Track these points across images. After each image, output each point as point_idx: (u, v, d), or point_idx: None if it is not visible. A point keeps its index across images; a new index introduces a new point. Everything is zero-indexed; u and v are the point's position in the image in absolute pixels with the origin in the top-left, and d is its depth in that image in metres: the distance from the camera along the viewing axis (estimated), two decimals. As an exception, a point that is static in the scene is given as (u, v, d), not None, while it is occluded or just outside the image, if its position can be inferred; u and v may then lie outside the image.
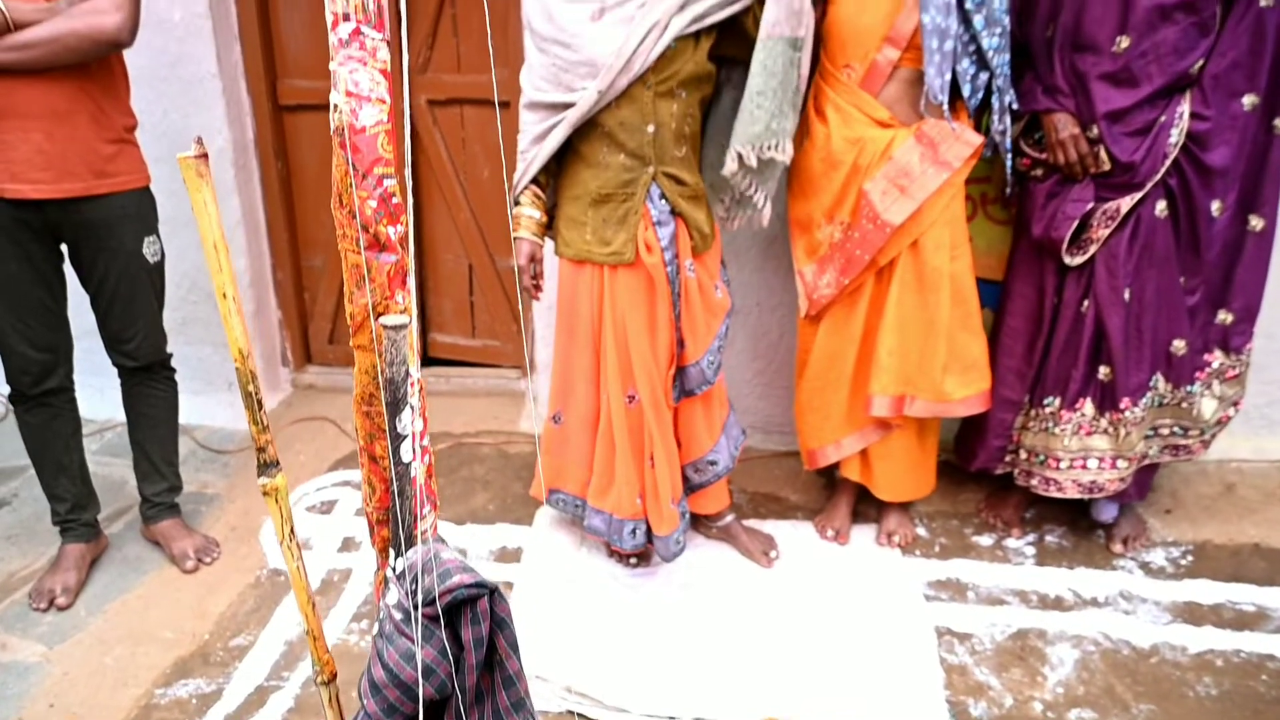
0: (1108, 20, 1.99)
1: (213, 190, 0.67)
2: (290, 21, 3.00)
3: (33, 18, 1.87)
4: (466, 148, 3.08)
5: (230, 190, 3.00)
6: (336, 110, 0.62)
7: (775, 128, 2.00)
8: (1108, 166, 2.05)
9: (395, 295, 0.68)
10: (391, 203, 0.66)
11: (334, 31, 0.61)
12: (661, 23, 1.86)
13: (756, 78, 1.95)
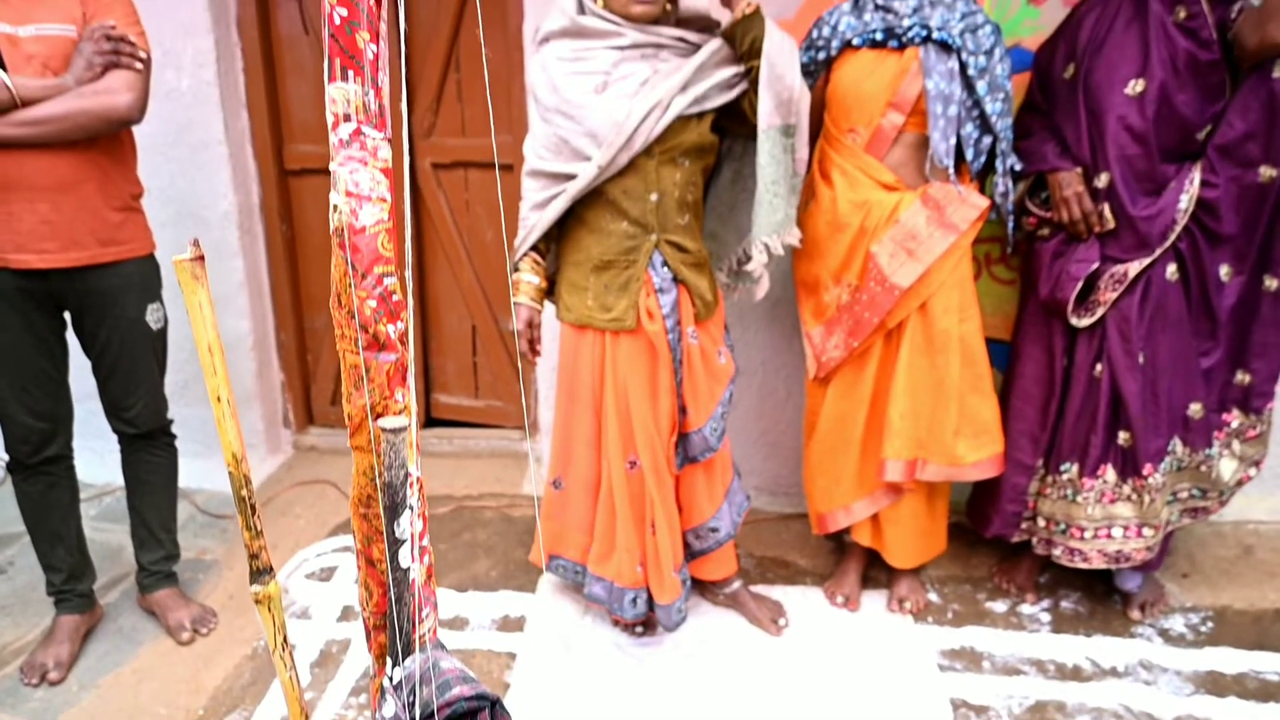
0: (1124, 63, 2.00)
1: (208, 293, 0.66)
2: (297, 89, 3.03)
3: (41, 94, 1.88)
4: (470, 210, 3.09)
5: (234, 253, 3.01)
6: (336, 211, 0.61)
7: (790, 214, 2.04)
8: (1112, 225, 2.05)
9: (395, 394, 0.66)
10: (392, 300, 0.64)
11: (334, 132, 0.60)
12: (664, 102, 1.87)
13: (767, 169, 1.97)
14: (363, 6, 0.58)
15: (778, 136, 1.97)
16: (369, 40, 0.59)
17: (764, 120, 1.95)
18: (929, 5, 2.04)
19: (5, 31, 1.90)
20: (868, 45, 2.08)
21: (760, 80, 1.92)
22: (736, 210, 2.20)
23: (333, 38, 0.58)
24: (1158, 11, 1.97)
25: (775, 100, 1.94)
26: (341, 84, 0.59)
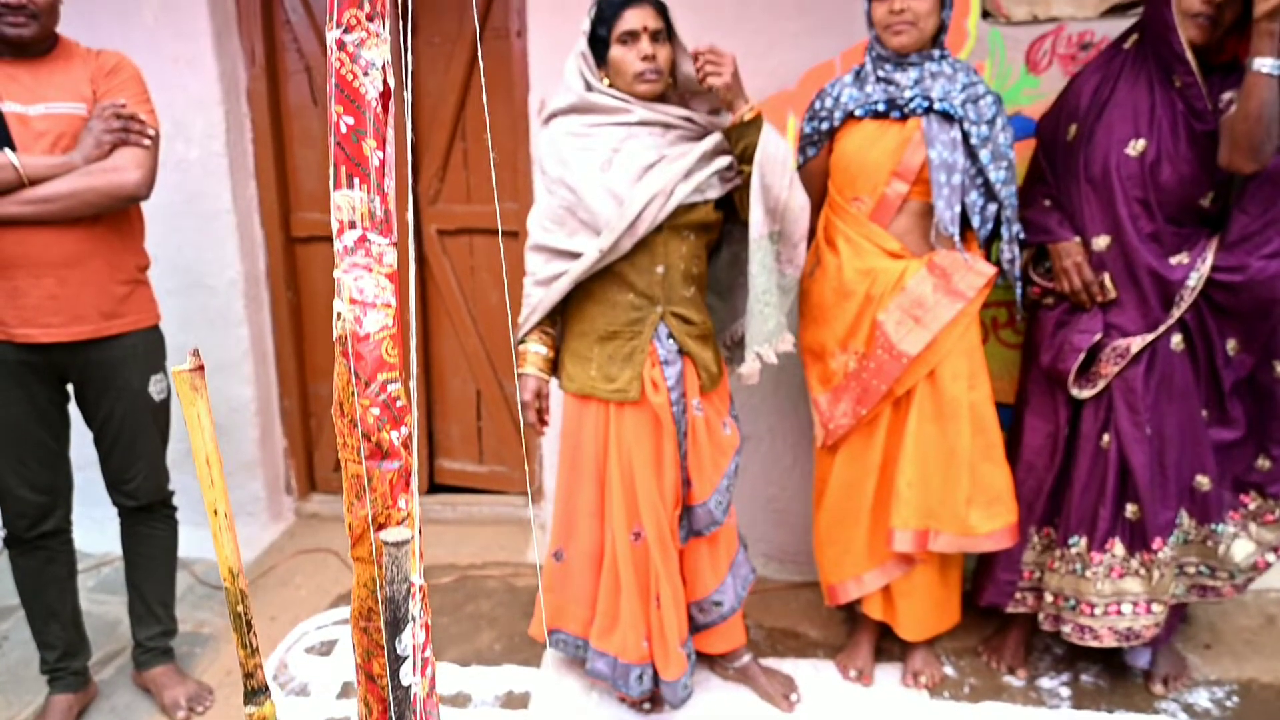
0: (1125, 122, 2.01)
1: (207, 404, 0.64)
2: (305, 158, 3.07)
3: (48, 173, 1.90)
4: (475, 275, 3.10)
5: (240, 320, 3.00)
6: (340, 319, 0.59)
7: (782, 321, 2.05)
8: (1113, 295, 2.05)
9: (398, 502, 0.64)
10: (395, 406, 0.63)
11: (339, 239, 0.59)
12: (667, 190, 1.89)
13: (758, 279, 1.98)
14: (369, 115, 0.58)
15: (769, 245, 1.99)
16: (375, 148, 0.58)
17: (755, 229, 1.96)
18: (930, 77, 2.06)
19: (15, 111, 1.92)
20: (870, 116, 2.09)
21: (751, 189, 1.94)
22: (733, 292, 2.22)
23: (339, 145, 0.58)
24: (1157, 75, 1.99)
25: (764, 209, 1.95)
26: (347, 191, 0.58)
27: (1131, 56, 2.06)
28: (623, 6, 1.90)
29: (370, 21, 0.57)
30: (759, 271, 1.98)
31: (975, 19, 2.45)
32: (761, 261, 1.98)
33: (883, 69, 2.09)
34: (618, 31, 1.90)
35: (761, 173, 1.92)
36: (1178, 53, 1.94)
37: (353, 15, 0.57)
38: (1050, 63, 2.44)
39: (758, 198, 1.94)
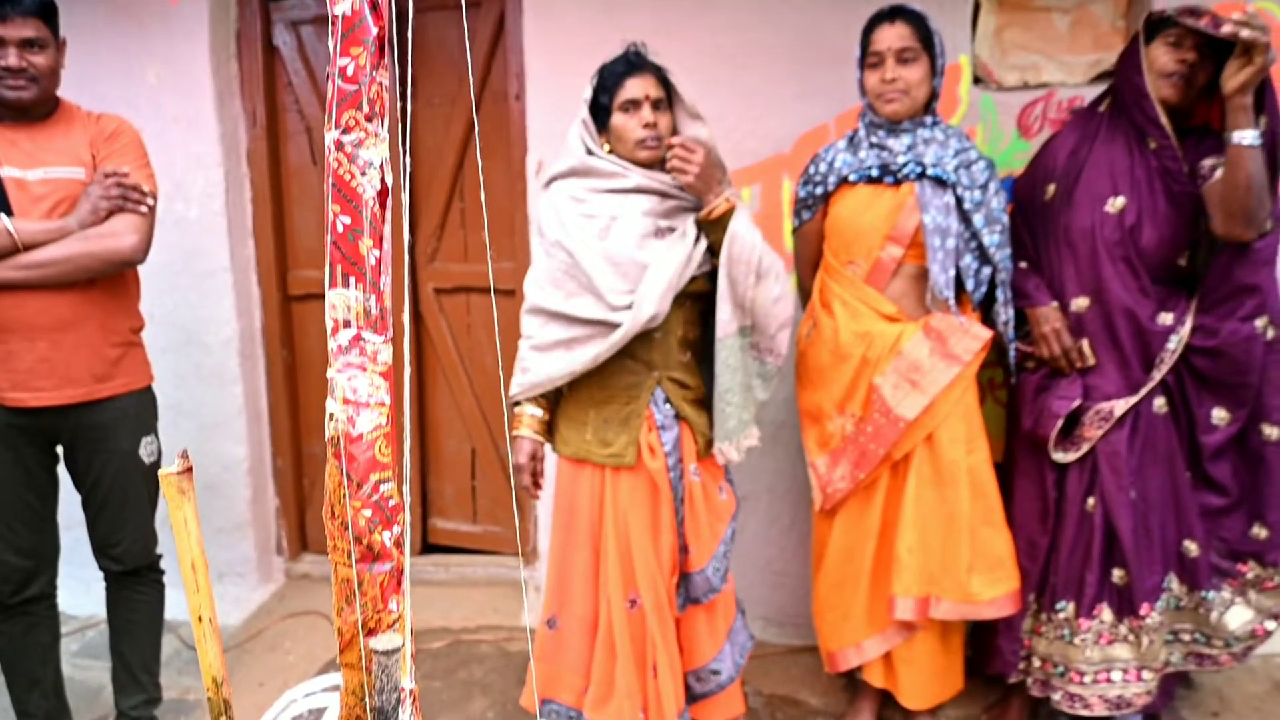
0: (1103, 181, 2.04)
1: (194, 507, 0.63)
2: (303, 217, 3.09)
3: (44, 238, 1.90)
4: (471, 334, 3.10)
5: (234, 379, 2.99)
6: (332, 419, 0.58)
7: (745, 418, 2.01)
8: (1092, 361, 2.06)
9: (389, 605, 0.62)
10: (388, 506, 0.61)
11: (334, 338, 0.58)
12: (672, 284, 1.89)
13: (722, 377, 1.96)
14: (366, 214, 0.57)
15: (735, 340, 1.96)
16: (372, 246, 0.58)
17: (720, 328, 1.94)
18: (923, 143, 2.09)
19: (14, 176, 1.93)
20: (864, 181, 2.11)
21: (719, 286, 1.93)
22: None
23: (335, 245, 0.57)
24: (1132, 137, 2.03)
25: (731, 305, 1.93)
26: (343, 290, 0.58)
27: (1107, 119, 2.10)
28: (625, 75, 1.93)
29: (369, 122, 0.57)
30: (723, 370, 1.96)
31: (967, 85, 2.49)
32: (726, 360, 1.95)
33: (876, 135, 2.12)
34: (620, 99, 1.93)
35: (727, 271, 1.90)
36: (1151, 116, 1.98)
37: (352, 117, 0.57)
38: (1042, 127, 2.48)
39: (724, 295, 1.92)
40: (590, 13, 2.62)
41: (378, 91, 0.57)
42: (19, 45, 1.91)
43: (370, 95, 0.57)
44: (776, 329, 2.00)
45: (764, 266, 1.92)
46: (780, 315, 1.99)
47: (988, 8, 2.52)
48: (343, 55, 0.56)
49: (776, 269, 1.95)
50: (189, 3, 2.84)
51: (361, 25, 0.56)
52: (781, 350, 2.04)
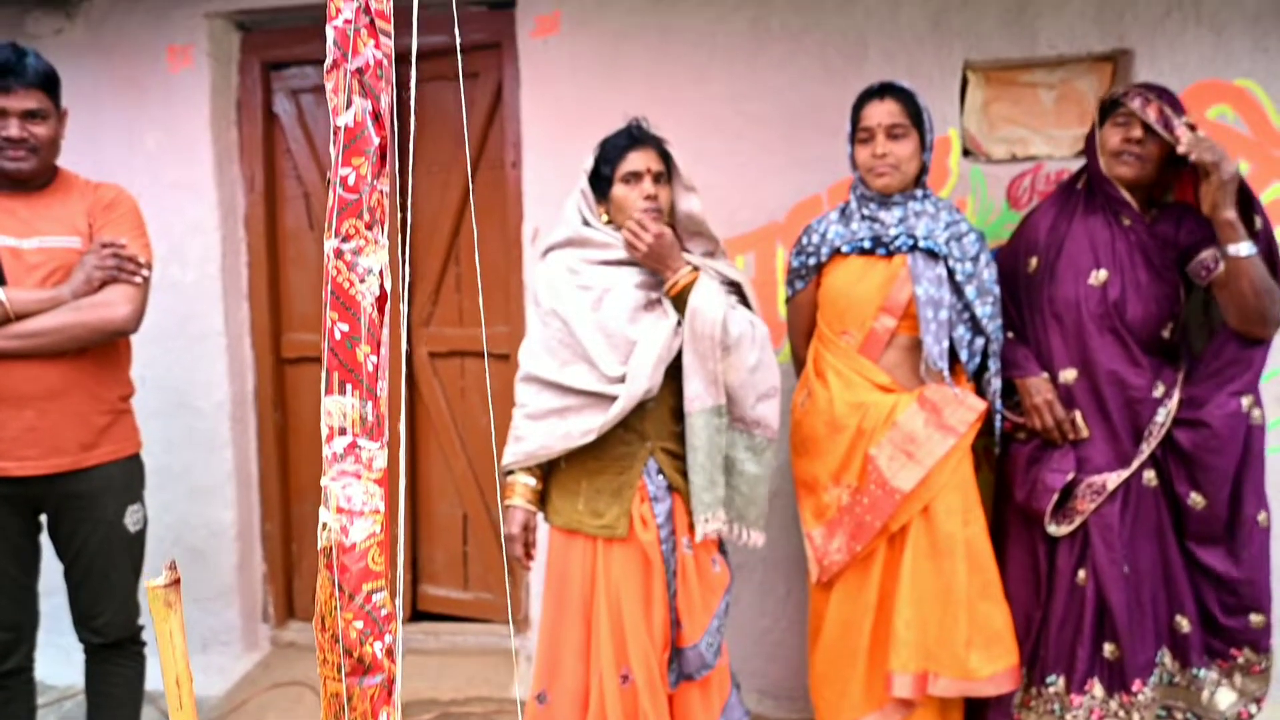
0: (1084, 254, 2.07)
1: (181, 620, 0.61)
2: (299, 279, 3.10)
3: (36, 307, 1.89)
4: (465, 398, 3.08)
5: (225, 443, 2.96)
6: (325, 529, 0.57)
7: (708, 499, 1.95)
8: (1085, 434, 2.06)
9: (379, 718, 0.60)
10: (380, 615, 0.60)
11: (329, 445, 0.58)
12: (663, 356, 1.90)
13: (691, 452, 1.94)
14: (364, 320, 0.57)
15: (704, 418, 1.92)
16: (369, 353, 0.57)
17: (687, 402, 1.92)
18: (914, 215, 2.11)
19: (9, 245, 1.93)
20: (857, 252, 2.13)
21: (684, 361, 1.92)
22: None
23: (332, 352, 0.57)
24: (1108, 213, 2.08)
25: (701, 383, 1.92)
26: (339, 397, 0.57)
27: (1083, 196, 2.15)
28: (627, 148, 1.96)
29: (369, 230, 0.57)
30: (691, 444, 1.93)
31: (957, 157, 2.54)
32: (694, 435, 1.92)
33: (867, 208, 2.14)
34: (621, 171, 1.96)
35: (691, 346, 1.90)
36: (1115, 196, 2.05)
37: (352, 225, 0.57)
38: (1030, 198, 2.52)
39: (691, 369, 1.91)
40: (586, 84, 2.67)
41: (378, 199, 0.57)
42: (21, 116, 1.93)
43: (371, 204, 0.57)
44: (756, 400, 1.97)
45: (732, 338, 1.91)
46: (760, 385, 1.97)
47: (975, 82, 2.57)
48: (344, 165, 0.56)
49: (751, 337, 1.94)
50: (191, 71, 2.88)
51: (364, 136, 0.56)
52: (769, 421, 2.00)
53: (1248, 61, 2.38)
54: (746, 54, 2.60)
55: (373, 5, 0.56)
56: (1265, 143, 2.39)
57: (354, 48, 0.55)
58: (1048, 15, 2.46)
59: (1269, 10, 2.36)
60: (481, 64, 2.88)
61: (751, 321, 1.96)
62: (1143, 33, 2.42)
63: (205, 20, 2.87)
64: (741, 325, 1.93)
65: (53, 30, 2.96)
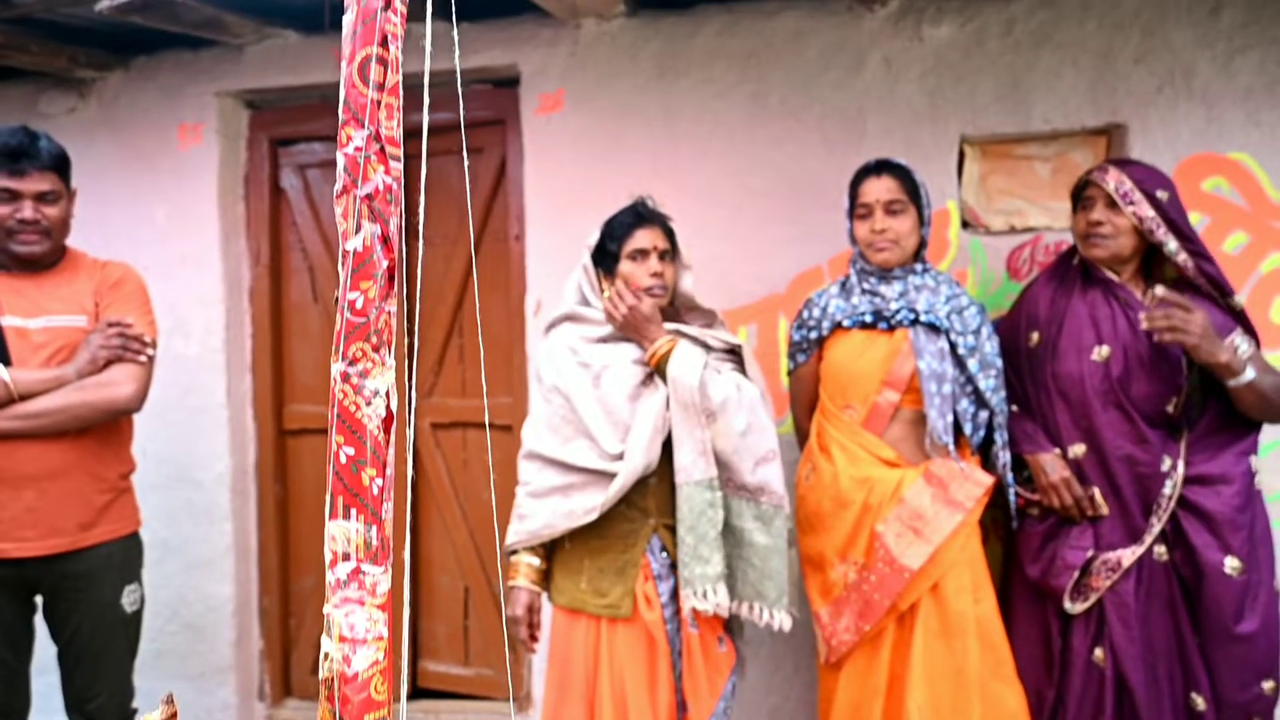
0: (1086, 330, 2.07)
1: (177, 756, 0.59)
2: (302, 351, 3.10)
3: (40, 387, 1.90)
4: (468, 469, 3.07)
5: (225, 515, 2.94)
6: (327, 659, 0.56)
7: (698, 573, 1.88)
8: (1105, 511, 2.03)
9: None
10: (382, 747, 0.58)
11: (332, 570, 0.57)
12: (659, 428, 1.90)
13: (678, 524, 1.91)
14: (369, 443, 0.57)
15: (692, 491, 1.88)
16: (375, 476, 0.57)
17: (678, 473, 1.89)
18: (914, 289, 2.12)
19: (16, 325, 1.94)
20: (858, 326, 2.14)
21: (673, 432, 1.90)
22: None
23: (337, 476, 0.56)
24: (1104, 289, 2.09)
25: (691, 454, 1.88)
26: (343, 522, 0.56)
27: (1078, 271, 2.16)
28: (634, 226, 1.99)
29: (376, 352, 0.57)
30: (682, 517, 1.89)
31: (956, 229, 2.56)
32: (682, 506, 1.88)
33: (868, 282, 2.16)
34: (628, 249, 1.98)
35: (679, 417, 1.89)
36: (1101, 277, 2.08)
37: (359, 348, 0.57)
38: (1030, 269, 2.53)
39: (680, 440, 1.89)
40: (589, 159, 2.72)
41: (385, 321, 0.57)
42: (35, 199, 1.95)
43: (378, 326, 0.57)
44: (755, 464, 1.93)
45: (715, 402, 1.89)
46: (755, 449, 1.93)
47: (972, 156, 2.61)
48: (352, 289, 0.56)
49: (737, 401, 1.91)
50: (200, 148, 2.94)
51: (372, 261, 0.57)
52: (773, 487, 1.95)
53: (1241, 135, 2.41)
54: (747, 129, 2.65)
55: (383, 132, 0.56)
56: (1261, 214, 2.41)
57: (364, 174, 0.56)
58: (1041, 91, 2.50)
59: (1260, 85, 2.40)
60: (486, 139, 2.93)
61: (738, 385, 1.95)
62: (1135, 107, 2.46)
63: (216, 99, 2.94)
64: (725, 389, 1.91)
65: (66, 109, 3.02)
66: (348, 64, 0.57)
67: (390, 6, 0.56)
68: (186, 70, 2.95)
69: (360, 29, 0.56)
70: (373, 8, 0.56)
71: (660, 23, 2.67)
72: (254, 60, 2.90)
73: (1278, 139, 2.40)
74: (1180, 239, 2.03)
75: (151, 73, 2.97)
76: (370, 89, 0.55)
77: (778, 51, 2.61)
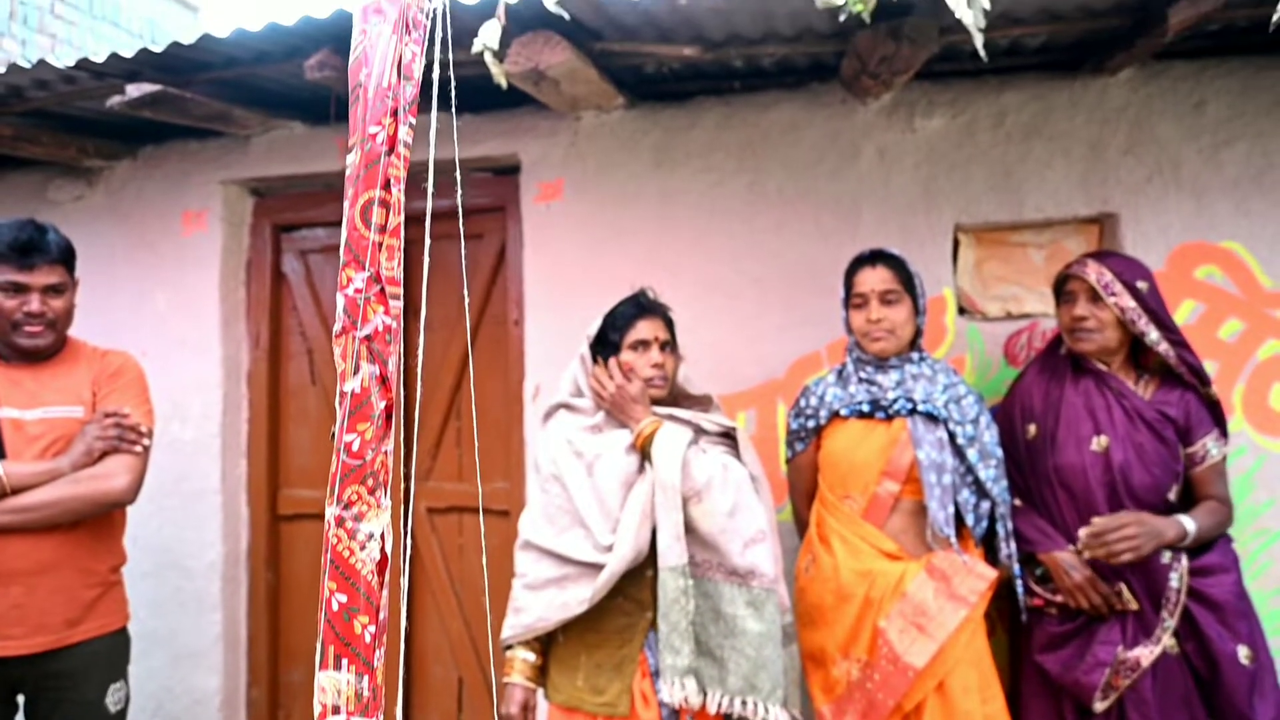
0: (1083, 421, 2.07)
1: None
2: (299, 434, 3.09)
3: (33, 481, 1.88)
4: (464, 555, 3.02)
5: (215, 605, 2.89)
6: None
7: (668, 664, 1.83)
8: (1135, 606, 1.99)
9: None
10: None
11: (320, 724, 0.55)
12: (647, 514, 1.88)
13: (662, 603, 1.85)
14: (362, 589, 0.55)
15: (675, 577, 1.84)
16: (367, 623, 0.55)
17: (659, 558, 1.86)
18: (911, 378, 2.12)
19: (12, 417, 1.94)
20: (856, 415, 2.13)
21: (655, 516, 1.88)
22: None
23: (329, 624, 0.55)
24: (1096, 379, 2.10)
25: (668, 535, 1.86)
26: (334, 673, 0.55)
27: (1068, 361, 2.17)
28: (636, 317, 2.01)
29: (371, 495, 0.56)
30: (660, 604, 1.84)
31: (953, 315, 2.58)
32: (664, 590, 1.84)
33: (864, 371, 2.16)
34: (630, 339, 2.00)
35: (659, 499, 1.87)
36: (1092, 369, 2.10)
37: (355, 491, 0.56)
38: (1028, 355, 2.54)
39: (659, 523, 1.86)
40: (588, 246, 2.75)
41: (382, 463, 0.57)
42: (42, 292, 1.97)
43: (374, 468, 0.56)
44: (744, 546, 1.88)
45: (698, 483, 1.87)
46: (744, 529, 1.89)
47: (966, 242, 2.65)
48: (349, 431, 0.56)
49: (722, 480, 1.89)
50: (203, 234, 2.98)
51: (369, 403, 0.56)
52: (764, 569, 1.89)
53: (1230, 224, 2.45)
54: (744, 217, 2.69)
55: (383, 273, 0.57)
56: (1255, 302, 2.43)
57: (364, 316, 0.56)
58: (1033, 181, 2.55)
59: (1246, 176, 2.45)
60: (486, 225, 2.97)
61: (725, 465, 1.93)
62: (1126, 197, 2.50)
63: (221, 187, 2.98)
64: (709, 469, 1.89)
65: (73, 197, 3.07)
66: (350, 206, 0.58)
67: (394, 151, 0.57)
68: (193, 159, 3.00)
69: (364, 173, 0.57)
70: (376, 152, 0.56)
71: (659, 114, 2.73)
72: (260, 149, 2.96)
73: (1267, 228, 2.43)
74: (1161, 329, 2.05)
75: (159, 162, 3.03)
76: (372, 232, 0.56)
77: (774, 142, 2.66)
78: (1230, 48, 2.42)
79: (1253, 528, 2.38)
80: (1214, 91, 2.46)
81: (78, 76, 2.42)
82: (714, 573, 1.91)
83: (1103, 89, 2.51)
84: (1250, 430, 2.41)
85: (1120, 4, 2.10)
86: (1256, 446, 2.40)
